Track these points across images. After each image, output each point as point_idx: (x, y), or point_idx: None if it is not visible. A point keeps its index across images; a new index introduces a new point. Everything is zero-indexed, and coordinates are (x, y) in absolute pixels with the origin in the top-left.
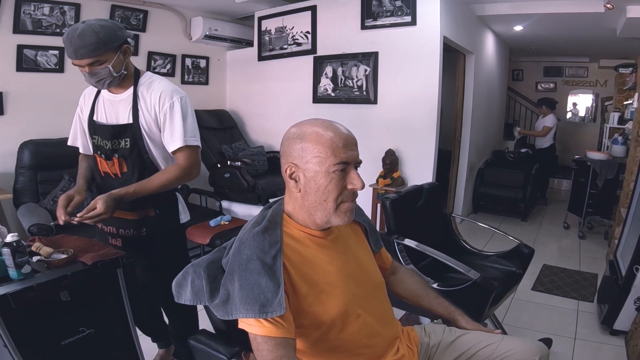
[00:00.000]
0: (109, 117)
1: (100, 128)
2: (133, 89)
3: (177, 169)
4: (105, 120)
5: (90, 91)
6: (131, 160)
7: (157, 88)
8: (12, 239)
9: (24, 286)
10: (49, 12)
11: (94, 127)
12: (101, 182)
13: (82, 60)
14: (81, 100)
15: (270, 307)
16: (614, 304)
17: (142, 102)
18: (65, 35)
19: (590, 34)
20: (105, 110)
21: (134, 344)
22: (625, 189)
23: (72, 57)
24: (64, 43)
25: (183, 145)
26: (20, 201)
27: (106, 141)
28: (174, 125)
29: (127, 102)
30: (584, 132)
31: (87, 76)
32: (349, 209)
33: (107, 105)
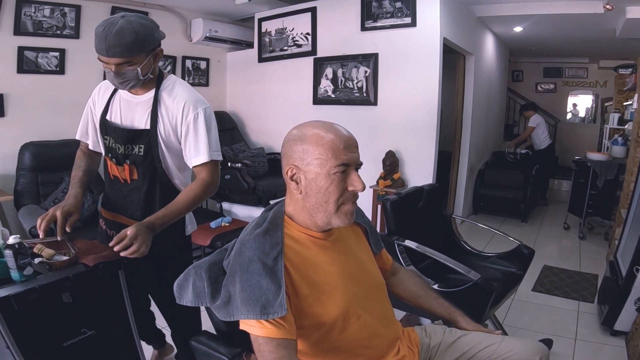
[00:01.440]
0: (124, 118)
1: (114, 130)
2: (155, 93)
3: (202, 186)
4: (119, 122)
5: (107, 85)
6: (143, 168)
7: (180, 95)
8: (14, 240)
9: (26, 288)
10: (49, 14)
11: (107, 127)
12: (109, 186)
13: (113, 58)
14: (95, 93)
15: (271, 308)
16: (614, 305)
17: (162, 108)
18: (101, 29)
19: (590, 35)
20: (121, 111)
21: (135, 345)
22: (625, 190)
23: (102, 54)
24: (97, 36)
25: (208, 161)
26: (21, 203)
27: (119, 145)
28: (199, 139)
29: (146, 105)
30: (584, 132)
31: (112, 75)
32: (350, 211)
33: (124, 106)
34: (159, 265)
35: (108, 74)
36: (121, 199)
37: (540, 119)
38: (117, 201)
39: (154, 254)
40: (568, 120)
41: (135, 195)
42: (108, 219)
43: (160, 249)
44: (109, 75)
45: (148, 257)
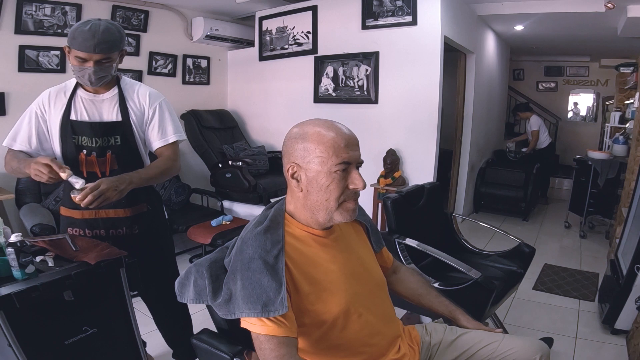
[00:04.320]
0: (91, 115)
1: (85, 126)
2: (118, 89)
3: (169, 161)
4: (87, 119)
5: (57, 91)
6: (123, 157)
7: (142, 89)
8: (16, 239)
9: (28, 286)
10: (50, 13)
11: (74, 126)
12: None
13: (97, 54)
14: (43, 101)
15: (272, 306)
16: (615, 304)
17: (130, 102)
18: (87, 28)
19: (591, 34)
20: (87, 109)
21: (136, 344)
22: (626, 188)
23: (87, 50)
24: (81, 34)
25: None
26: (23, 201)
27: (96, 139)
28: (165, 122)
29: (112, 101)
30: (585, 131)
31: (89, 71)
32: (352, 208)
33: (88, 104)
34: (151, 255)
35: (82, 71)
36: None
37: (540, 119)
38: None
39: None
40: (569, 119)
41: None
42: (89, 218)
43: (152, 238)
44: (83, 72)
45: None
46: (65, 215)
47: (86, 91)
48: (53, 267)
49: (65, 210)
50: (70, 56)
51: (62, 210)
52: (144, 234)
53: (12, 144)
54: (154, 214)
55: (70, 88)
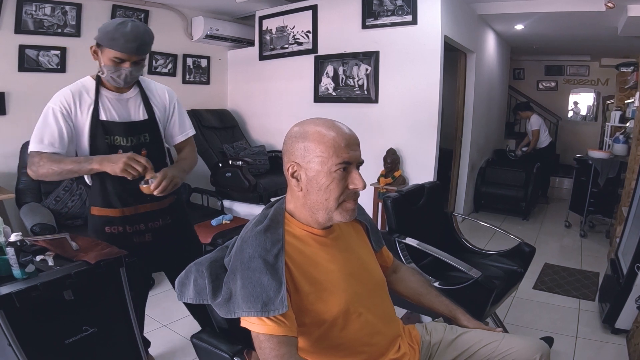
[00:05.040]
0: (120, 115)
1: (118, 126)
2: (139, 88)
3: (194, 153)
4: (117, 119)
5: (78, 91)
6: (152, 153)
7: (159, 87)
8: (16, 238)
9: (28, 285)
10: (50, 12)
11: (106, 126)
12: (117, 184)
13: (137, 56)
14: (67, 100)
15: (272, 305)
16: (615, 303)
17: (152, 100)
18: (128, 29)
19: (592, 33)
20: (115, 109)
21: (136, 343)
22: (626, 188)
23: (128, 52)
24: (123, 36)
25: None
26: (23, 201)
27: (131, 137)
28: (183, 117)
29: (136, 100)
30: (585, 130)
31: (126, 71)
32: (351, 208)
33: (115, 104)
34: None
35: (117, 72)
36: (135, 190)
37: (540, 119)
38: (132, 195)
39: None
40: (569, 118)
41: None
42: (127, 215)
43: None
44: (118, 73)
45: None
46: (99, 215)
47: (110, 90)
48: (53, 266)
49: (99, 210)
50: (104, 56)
51: (94, 210)
52: (175, 223)
53: (42, 147)
54: (179, 204)
55: (91, 88)
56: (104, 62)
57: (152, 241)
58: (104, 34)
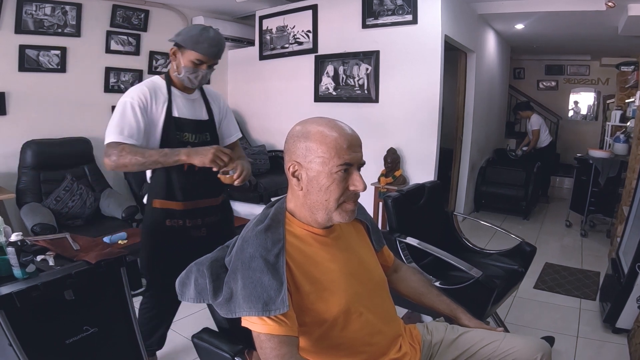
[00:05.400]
0: (188, 113)
1: (188, 123)
2: (201, 91)
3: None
4: (187, 116)
5: (153, 88)
6: None
7: (213, 92)
8: (16, 238)
9: (29, 285)
10: (50, 12)
11: (178, 123)
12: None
13: (214, 59)
14: (145, 95)
15: (273, 305)
16: (616, 302)
17: (211, 102)
18: (211, 34)
19: (592, 32)
20: (184, 107)
21: (137, 343)
22: (627, 187)
23: (210, 55)
24: (208, 41)
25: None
26: (23, 201)
27: (198, 135)
28: (233, 121)
29: (200, 101)
30: (586, 130)
31: (202, 73)
32: (351, 209)
33: (184, 103)
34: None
35: (194, 73)
36: (198, 184)
37: (541, 118)
38: (195, 189)
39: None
40: (570, 118)
41: (210, 177)
42: (189, 209)
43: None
44: (196, 74)
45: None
46: (161, 208)
47: (179, 90)
48: (54, 266)
49: (162, 203)
50: (184, 58)
51: (156, 203)
52: (223, 220)
53: (122, 139)
54: (228, 202)
55: (163, 86)
56: (184, 64)
57: (206, 236)
58: (189, 38)
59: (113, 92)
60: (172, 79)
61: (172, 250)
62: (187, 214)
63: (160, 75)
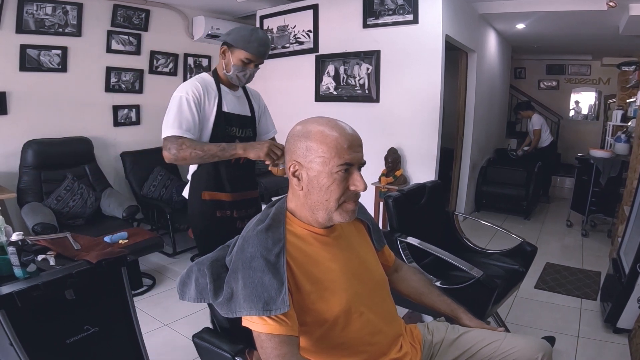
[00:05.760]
0: (236, 109)
1: (237, 118)
2: (244, 88)
3: None
4: (235, 111)
5: (204, 84)
6: None
7: (253, 90)
8: (17, 237)
9: (30, 285)
10: (51, 12)
11: (228, 118)
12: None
13: (262, 59)
14: (200, 92)
15: (273, 304)
16: (617, 302)
17: (252, 99)
18: (260, 34)
19: (593, 32)
20: (233, 103)
21: (138, 343)
22: (628, 187)
23: (259, 55)
24: (258, 41)
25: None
26: (24, 200)
27: (244, 130)
28: (270, 118)
29: (243, 98)
30: (587, 130)
31: (249, 72)
32: (351, 209)
33: (232, 99)
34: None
35: (243, 71)
36: (243, 177)
37: (542, 118)
38: (240, 181)
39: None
40: (571, 118)
41: (251, 170)
42: (237, 200)
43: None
44: (244, 72)
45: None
46: (211, 200)
47: (225, 87)
48: (54, 265)
49: (212, 195)
50: (233, 56)
51: (206, 195)
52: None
53: (181, 132)
54: (259, 196)
55: (212, 82)
56: (234, 62)
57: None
58: (240, 37)
59: (114, 92)
60: (219, 76)
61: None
62: (234, 205)
63: (208, 72)
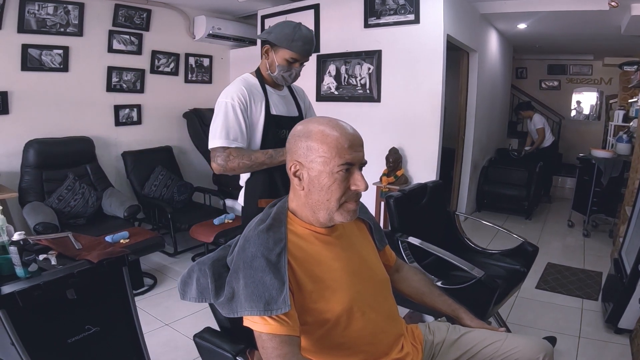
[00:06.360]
0: (284, 110)
1: (286, 120)
2: (289, 87)
3: None
4: (283, 113)
5: (249, 87)
6: None
7: (297, 87)
8: (19, 237)
9: (31, 284)
10: (53, 12)
11: (277, 120)
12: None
13: (307, 57)
14: (244, 97)
15: (275, 304)
16: (618, 303)
17: (298, 98)
18: (305, 32)
19: (595, 32)
20: (280, 105)
21: (139, 342)
22: (630, 187)
23: (303, 54)
24: (302, 39)
25: None
26: (26, 200)
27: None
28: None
29: (289, 97)
30: (589, 130)
31: (295, 71)
32: (352, 209)
33: (278, 100)
34: None
35: (288, 71)
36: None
37: (543, 118)
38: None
39: None
40: (572, 118)
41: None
42: None
43: None
44: (290, 72)
45: None
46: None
47: (271, 87)
48: (56, 265)
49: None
50: (277, 56)
51: (262, 202)
52: None
53: (228, 143)
54: None
55: (257, 85)
56: (278, 62)
57: None
58: (283, 36)
59: (115, 92)
60: (263, 77)
61: None
62: None
63: (251, 73)
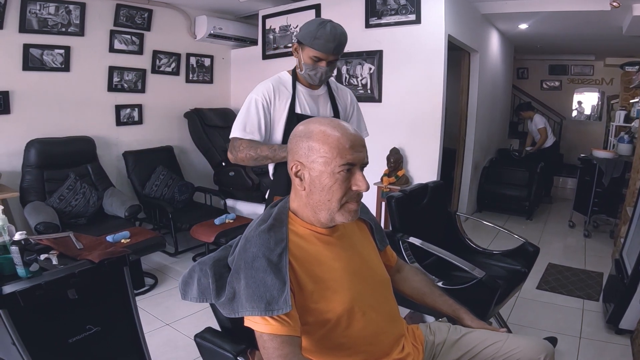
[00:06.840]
0: (311, 110)
1: None
2: (327, 87)
3: None
4: (309, 112)
5: (277, 85)
6: None
7: (342, 89)
8: (20, 237)
9: (32, 284)
10: (54, 12)
11: (300, 119)
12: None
13: (333, 55)
14: (269, 95)
15: (276, 304)
16: (619, 303)
17: (338, 99)
18: (327, 30)
19: (596, 32)
20: (308, 104)
21: (140, 342)
22: (631, 188)
23: (326, 52)
24: (324, 36)
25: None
26: (27, 199)
27: None
28: (361, 120)
29: (325, 98)
30: (590, 130)
31: (322, 69)
32: (354, 209)
33: (308, 99)
34: None
35: (314, 70)
36: None
37: (543, 118)
38: None
39: None
40: (573, 118)
41: None
42: None
43: None
44: (315, 71)
45: None
46: None
47: (304, 86)
48: (57, 265)
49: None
50: (304, 54)
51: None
52: None
53: (243, 135)
54: None
55: (288, 82)
56: (304, 60)
57: None
58: (307, 34)
59: (116, 91)
60: (297, 75)
61: None
62: None
63: (288, 70)
